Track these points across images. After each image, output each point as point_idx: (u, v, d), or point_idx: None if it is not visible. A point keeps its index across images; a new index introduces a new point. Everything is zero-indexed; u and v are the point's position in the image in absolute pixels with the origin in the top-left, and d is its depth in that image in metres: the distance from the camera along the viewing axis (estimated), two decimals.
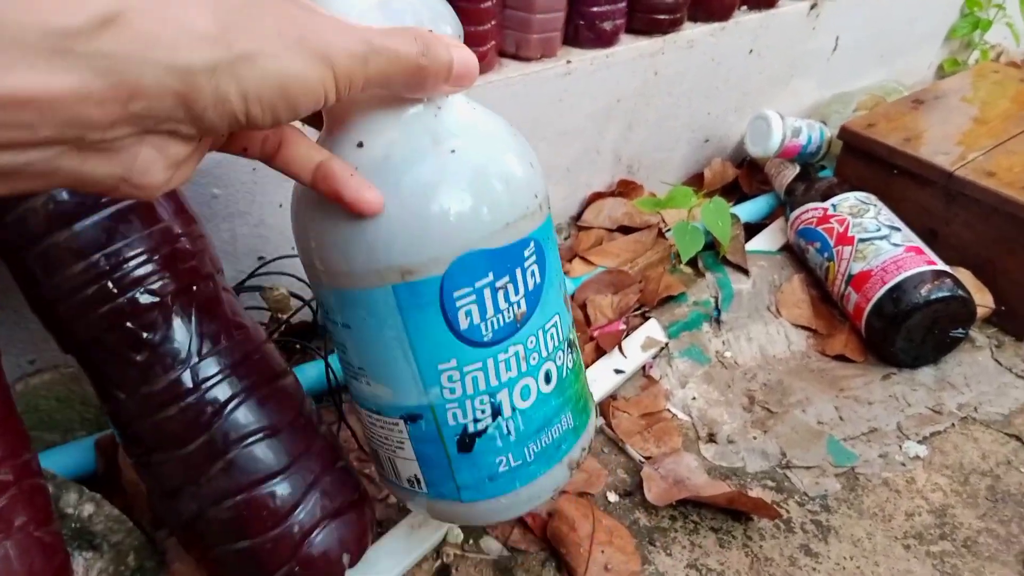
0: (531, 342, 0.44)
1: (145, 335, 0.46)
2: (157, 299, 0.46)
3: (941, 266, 0.75)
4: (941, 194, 0.83)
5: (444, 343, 0.42)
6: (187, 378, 0.47)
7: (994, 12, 1.22)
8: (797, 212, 0.87)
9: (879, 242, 0.78)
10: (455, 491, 0.47)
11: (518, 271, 0.42)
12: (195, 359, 0.47)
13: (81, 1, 0.22)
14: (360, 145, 0.39)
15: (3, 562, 0.42)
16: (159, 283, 0.46)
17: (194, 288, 0.48)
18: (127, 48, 0.23)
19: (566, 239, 0.91)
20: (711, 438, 0.70)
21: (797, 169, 0.93)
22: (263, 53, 0.26)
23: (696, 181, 1.01)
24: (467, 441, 0.45)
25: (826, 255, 0.82)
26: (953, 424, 0.72)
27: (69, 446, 0.61)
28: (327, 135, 0.41)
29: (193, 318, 0.48)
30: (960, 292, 0.73)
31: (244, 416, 0.48)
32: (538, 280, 0.44)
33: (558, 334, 0.46)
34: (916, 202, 0.85)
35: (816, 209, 0.84)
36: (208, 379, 0.47)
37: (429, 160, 0.39)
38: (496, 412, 0.44)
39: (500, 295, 0.42)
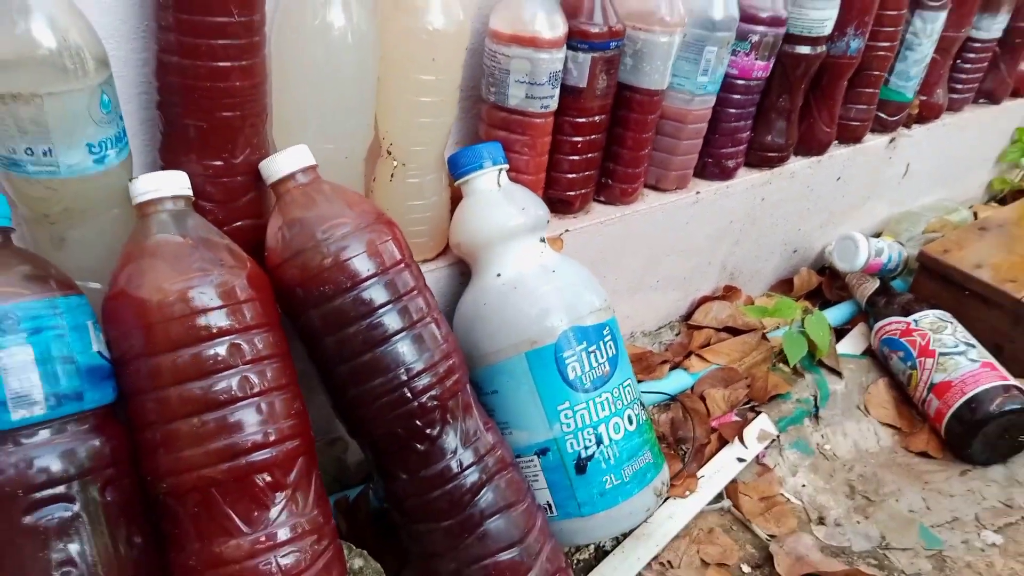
0: (615, 392, 0.69)
1: (428, 431, 0.60)
2: (438, 403, 0.60)
3: (1012, 381, 0.89)
4: (1008, 316, 0.97)
5: (559, 390, 0.67)
6: (454, 465, 0.61)
7: None
8: (881, 323, 1.01)
9: (958, 357, 0.92)
10: (577, 508, 0.68)
11: (600, 343, 0.69)
12: (460, 450, 0.61)
13: None
14: (499, 275, 0.69)
15: None
16: (439, 391, 0.60)
17: (459, 394, 0.62)
18: None
19: (677, 335, 1.05)
20: (821, 520, 0.83)
21: (878, 283, 1.07)
22: None
23: (785, 285, 1.16)
24: (582, 465, 0.67)
25: (909, 364, 0.96)
26: (1023, 517, 0.85)
27: None
28: (475, 271, 0.71)
29: (458, 417, 0.62)
30: None
31: (492, 497, 0.62)
32: (614, 351, 0.70)
33: (632, 392, 0.71)
34: (986, 321, 0.99)
35: (899, 322, 0.99)
36: (468, 466, 0.61)
37: (543, 279, 0.68)
38: (599, 441, 0.67)
39: (592, 357, 0.68)
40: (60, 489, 0.47)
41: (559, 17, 0.69)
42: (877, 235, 1.23)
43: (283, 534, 0.53)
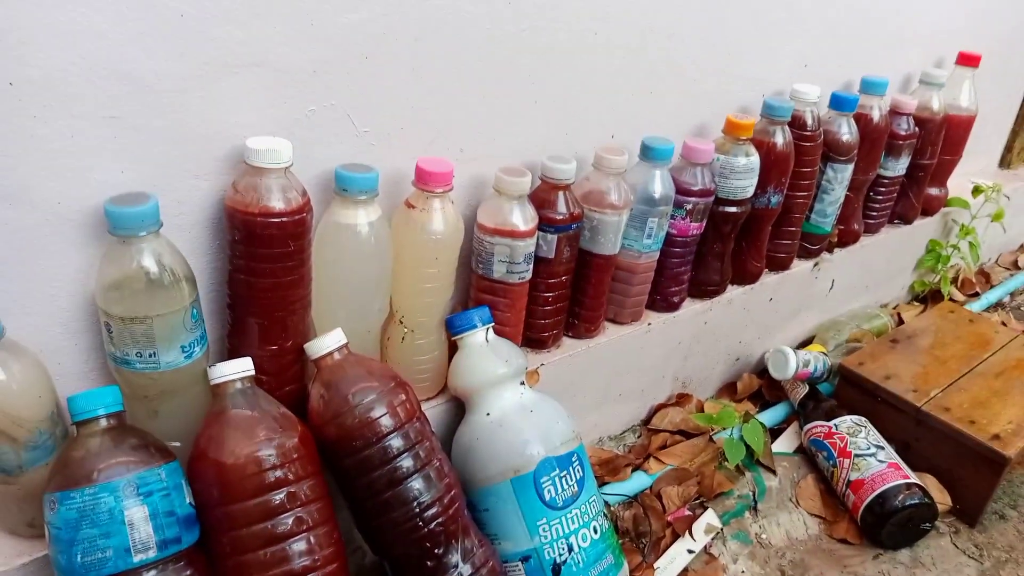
0: (583, 508, 0.86)
1: (435, 551, 0.77)
2: (443, 528, 0.77)
3: (913, 479, 1.08)
4: (912, 420, 1.16)
5: (538, 509, 0.84)
6: None
7: (951, 250, 1.59)
8: (809, 425, 1.20)
9: (869, 458, 1.10)
10: None
11: (571, 467, 0.87)
12: (461, 564, 0.78)
13: None
14: (488, 414, 0.86)
15: None
16: (444, 518, 0.77)
17: (459, 519, 0.80)
18: None
19: (638, 437, 1.23)
20: None
21: (807, 388, 1.26)
22: None
23: (730, 389, 1.35)
24: (557, 569, 0.85)
25: (831, 462, 1.14)
26: None
27: None
28: (468, 409, 0.89)
29: (459, 537, 0.79)
30: (926, 499, 1.05)
31: None
32: (581, 474, 0.88)
33: (596, 505, 0.89)
34: (894, 422, 1.18)
35: (823, 426, 1.17)
36: None
37: (523, 417, 0.86)
38: (571, 549, 0.85)
39: (563, 480, 0.85)
40: None
41: (531, 211, 0.89)
42: (808, 341, 1.43)
43: None
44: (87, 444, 0.64)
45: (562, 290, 0.99)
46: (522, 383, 0.90)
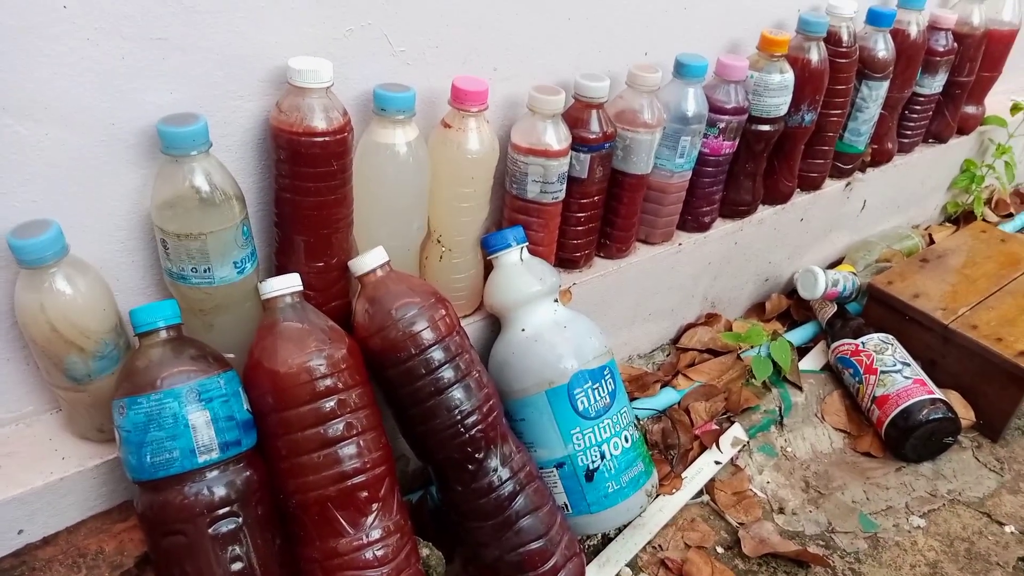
0: (614, 419, 0.91)
1: (476, 455, 0.81)
2: (483, 435, 0.81)
3: (938, 394, 1.10)
4: (939, 338, 1.18)
5: (572, 419, 0.88)
6: (496, 479, 0.82)
7: (986, 170, 1.57)
8: (836, 344, 1.22)
9: (895, 375, 1.12)
10: (587, 507, 0.90)
11: (603, 380, 0.90)
12: (500, 468, 0.82)
13: None
14: (523, 330, 0.89)
15: None
16: (483, 425, 0.81)
17: (497, 426, 0.83)
18: None
19: (667, 356, 1.26)
20: (780, 510, 1.04)
21: (835, 308, 1.28)
22: None
23: (759, 309, 1.37)
24: (590, 474, 0.90)
25: (857, 379, 1.16)
26: (944, 504, 1.07)
27: None
28: (504, 326, 0.92)
29: (497, 443, 0.83)
30: (950, 414, 1.07)
31: (524, 502, 0.83)
32: (613, 387, 0.92)
33: (627, 417, 0.94)
34: (921, 340, 1.20)
35: (850, 344, 1.19)
36: (506, 480, 0.82)
37: (557, 332, 0.89)
38: (603, 456, 0.89)
39: (596, 392, 0.89)
40: (230, 508, 0.68)
41: (564, 131, 0.89)
42: (838, 261, 1.44)
43: (376, 534, 0.74)
44: (149, 354, 0.68)
45: (594, 210, 1.00)
46: (555, 301, 0.93)
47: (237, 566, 0.68)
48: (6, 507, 0.69)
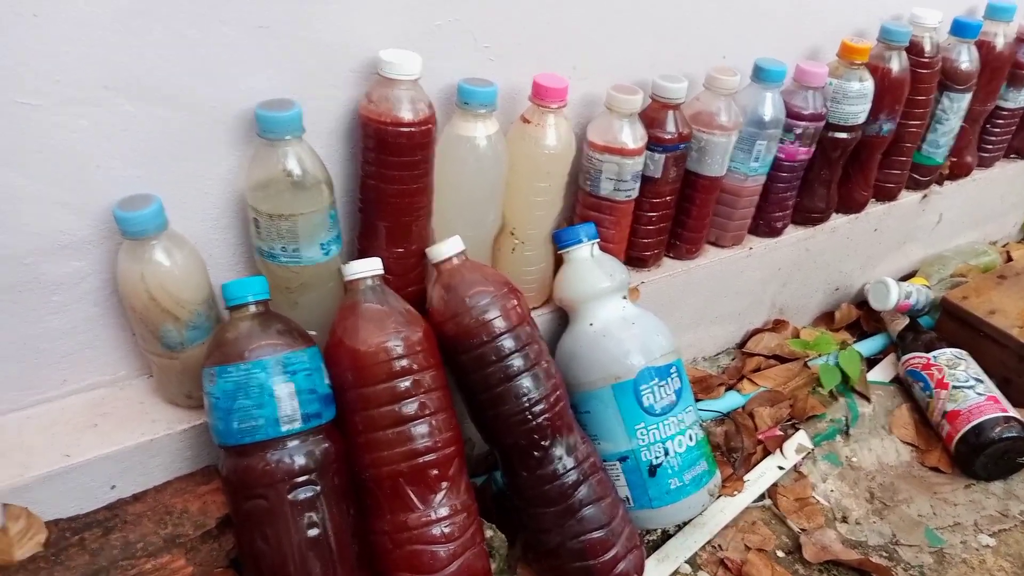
0: (680, 416, 0.91)
1: (542, 443, 0.83)
2: (549, 423, 0.83)
3: (1011, 412, 1.07)
4: (1015, 356, 1.15)
5: (637, 414, 0.89)
6: (560, 468, 0.84)
7: None
8: (906, 356, 1.20)
9: (967, 390, 1.10)
10: (649, 502, 0.91)
11: (669, 378, 0.91)
12: (565, 457, 0.84)
13: None
14: (591, 325, 0.91)
15: (468, 561, 0.79)
16: (550, 414, 0.83)
17: (564, 416, 0.85)
18: None
19: (732, 360, 1.26)
20: (844, 519, 1.03)
21: (907, 321, 1.26)
22: None
23: (827, 318, 1.35)
24: (653, 470, 0.90)
25: (928, 393, 1.14)
26: (1016, 525, 1.04)
27: None
28: (572, 319, 0.93)
29: (563, 432, 0.85)
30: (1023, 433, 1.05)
31: (587, 492, 0.84)
32: (679, 385, 0.92)
33: (692, 416, 0.93)
34: (996, 357, 1.17)
35: (921, 357, 1.17)
36: (570, 469, 0.84)
37: (625, 328, 0.90)
38: (666, 453, 0.90)
39: (662, 389, 0.90)
40: (309, 476, 0.71)
41: (640, 130, 0.91)
42: (912, 275, 1.41)
43: (444, 511, 0.76)
44: (239, 327, 0.72)
45: (666, 210, 1.01)
46: (624, 298, 0.94)
47: (313, 532, 0.71)
48: (102, 463, 0.74)
